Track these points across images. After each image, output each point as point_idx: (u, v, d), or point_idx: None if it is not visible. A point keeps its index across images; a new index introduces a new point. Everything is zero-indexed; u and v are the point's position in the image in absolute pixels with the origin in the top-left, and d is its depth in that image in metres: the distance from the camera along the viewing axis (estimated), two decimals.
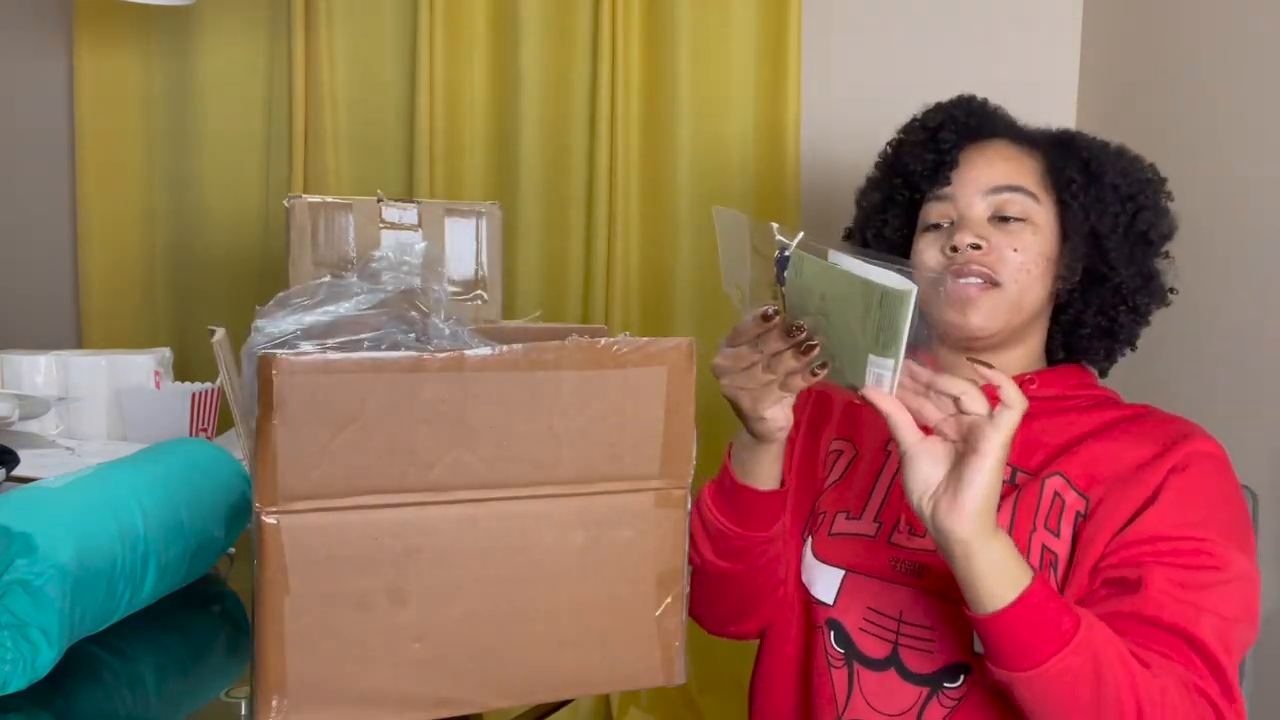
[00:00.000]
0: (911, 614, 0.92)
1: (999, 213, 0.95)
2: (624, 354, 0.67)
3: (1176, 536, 0.84)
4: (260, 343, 0.67)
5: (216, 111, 2.08)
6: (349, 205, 1.05)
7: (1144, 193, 0.99)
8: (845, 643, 0.95)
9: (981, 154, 0.98)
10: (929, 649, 0.91)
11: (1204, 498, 0.87)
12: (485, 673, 0.68)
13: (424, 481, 0.65)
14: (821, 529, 0.99)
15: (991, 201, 0.96)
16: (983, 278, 0.93)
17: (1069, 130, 1.04)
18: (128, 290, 2.15)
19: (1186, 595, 0.81)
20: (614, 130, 1.88)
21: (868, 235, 1.06)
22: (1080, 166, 0.98)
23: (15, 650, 0.71)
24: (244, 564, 1.05)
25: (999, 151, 0.98)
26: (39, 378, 1.49)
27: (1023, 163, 0.98)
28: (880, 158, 1.08)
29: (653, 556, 0.71)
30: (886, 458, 1.00)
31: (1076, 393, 0.99)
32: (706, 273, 1.90)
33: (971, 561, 0.75)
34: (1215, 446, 0.91)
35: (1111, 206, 0.97)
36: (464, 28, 1.96)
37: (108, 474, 0.88)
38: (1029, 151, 0.99)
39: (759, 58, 1.87)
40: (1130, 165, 1.00)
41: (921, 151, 1.00)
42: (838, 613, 0.96)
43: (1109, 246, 0.97)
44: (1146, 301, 1.00)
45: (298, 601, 0.63)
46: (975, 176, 0.97)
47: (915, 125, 1.03)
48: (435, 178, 1.95)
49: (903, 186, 1.02)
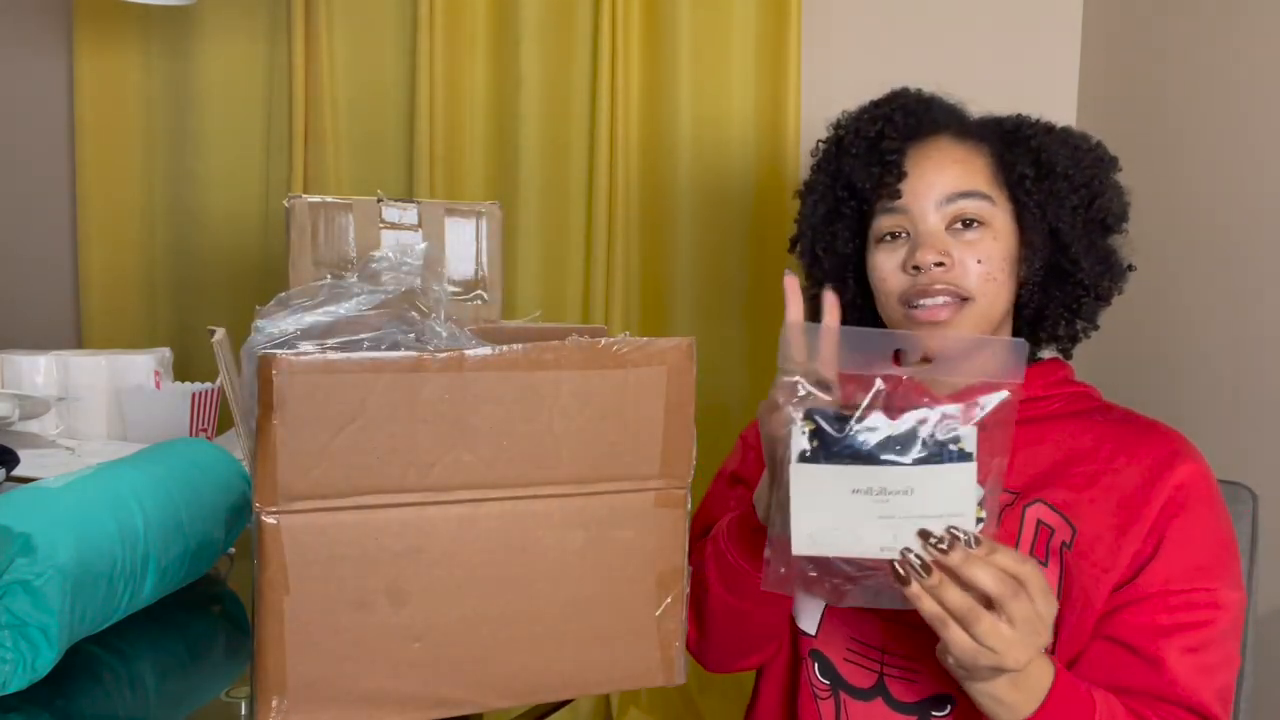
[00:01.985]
0: (894, 645, 0.91)
1: (955, 218, 0.92)
2: (624, 354, 0.67)
3: (1187, 589, 0.85)
4: (260, 343, 0.67)
5: (216, 111, 2.08)
6: (349, 205, 1.05)
7: (1097, 178, 0.96)
8: (830, 673, 0.94)
9: (928, 158, 0.94)
10: (914, 679, 0.90)
11: (1205, 539, 0.87)
12: (485, 673, 0.68)
13: (424, 481, 0.65)
14: None
15: (946, 211, 0.92)
16: (950, 295, 0.91)
17: (1014, 117, 1.00)
18: (128, 290, 2.15)
19: (1199, 661, 0.84)
20: (614, 130, 1.88)
21: (818, 249, 1.03)
22: (1031, 160, 0.95)
23: (15, 650, 0.71)
24: (244, 564, 1.05)
25: (946, 153, 0.94)
26: (39, 378, 1.49)
27: (972, 163, 0.94)
28: (817, 164, 1.04)
29: (653, 556, 0.71)
30: None
31: (1054, 391, 0.97)
32: (707, 273, 1.90)
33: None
34: (1202, 466, 0.90)
35: (1068, 199, 0.95)
36: (464, 28, 1.96)
37: (108, 474, 0.88)
38: (976, 147, 0.95)
39: (759, 58, 1.87)
40: (1080, 149, 0.97)
41: (865, 164, 0.96)
42: (820, 643, 0.95)
43: (1068, 241, 0.95)
44: (1108, 285, 0.98)
45: (298, 601, 0.63)
46: (927, 185, 0.93)
47: (852, 134, 0.98)
48: (435, 178, 1.95)
49: (849, 199, 0.99)
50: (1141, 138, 1.55)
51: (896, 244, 0.94)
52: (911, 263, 0.92)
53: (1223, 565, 0.87)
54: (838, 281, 1.01)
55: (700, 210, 1.89)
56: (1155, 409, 0.98)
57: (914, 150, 0.95)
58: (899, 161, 0.94)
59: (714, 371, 1.87)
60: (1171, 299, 1.42)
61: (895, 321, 0.95)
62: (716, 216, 1.89)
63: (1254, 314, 1.34)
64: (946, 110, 1.01)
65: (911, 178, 0.94)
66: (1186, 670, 0.83)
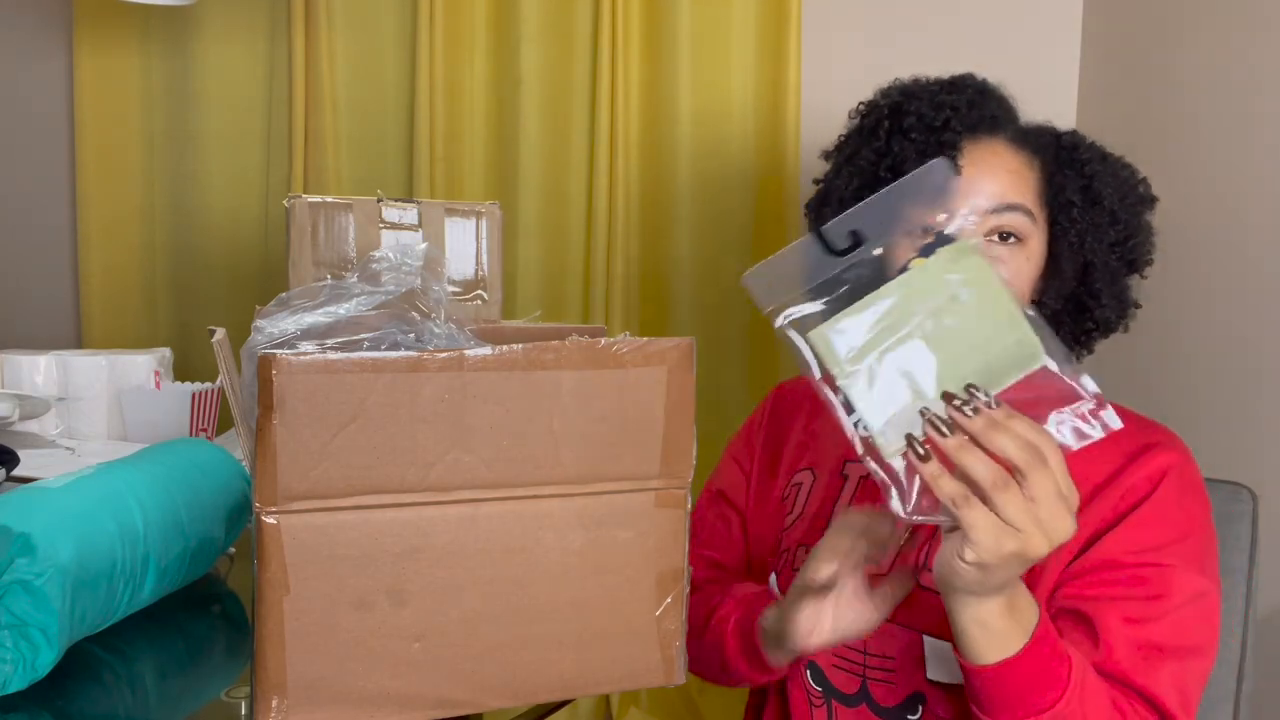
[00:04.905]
0: (874, 645, 0.90)
1: (996, 229, 0.90)
2: (624, 354, 0.67)
3: (1136, 564, 0.82)
4: (260, 343, 0.67)
5: (216, 111, 2.08)
6: (349, 205, 1.05)
7: (1135, 216, 0.94)
8: (822, 680, 0.94)
9: (984, 160, 0.91)
10: (892, 680, 0.90)
11: (1168, 522, 0.84)
12: (485, 673, 0.68)
13: (424, 481, 0.65)
14: (786, 567, 0.98)
15: (989, 220, 0.90)
16: None
17: (1071, 134, 0.97)
18: (128, 290, 2.15)
19: (1140, 636, 0.79)
20: (614, 130, 1.88)
21: None
22: (1081, 187, 0.92)
23: (15, 650, 0.71)
24: (244, 564, 1.05)
25: (1002, 160, 0.91)
26: (39, 378, 1.49)
27: (1023, 176, 0.91)
28: (860, 131, 0.99)
29: (653, 556, 0.71)
30: (843, 482, 0.97)
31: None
32: (706, 272, 1.90)
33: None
34: (1182, 458, 0.87)
35: (1107, 234, 0.93)
36: (464, 28, 1.96)
37: (108, 474, 0.88)
38: (1030, 160, 0.92)
39: (759, 58, 1.87)
40: (1127, 185, 0.95)
41: (920, 151, 0.92)
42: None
43: (1096, 276, 0.93)
44: (1116, 321, 0.97)
45: (298, 601, 0.63)
46: (977, 191, 0.89)
47: (913, 116, 0.94)
48: (435, 178, 1.95)
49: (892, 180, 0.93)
50: (1141, 138, 1.55)
51: None
52: None
53: (1186, 549, 0.83)
54: None
55: (700, 210, 1.89)
56: (1155, 409, 0.97)
57: (970, 148, 0.91)
58: (956, 158, 0.90)
59: (714, 371, 1.87)
60: (1171, 299, 1.42)
61: None
62: (717, 216, 1.89)
63: (1254, 314, 1.34)
64: (1007, 108, 0.98)
65: (965, 176, 0.90)
66: (1125, 643, 0.79)
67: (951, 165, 0.72)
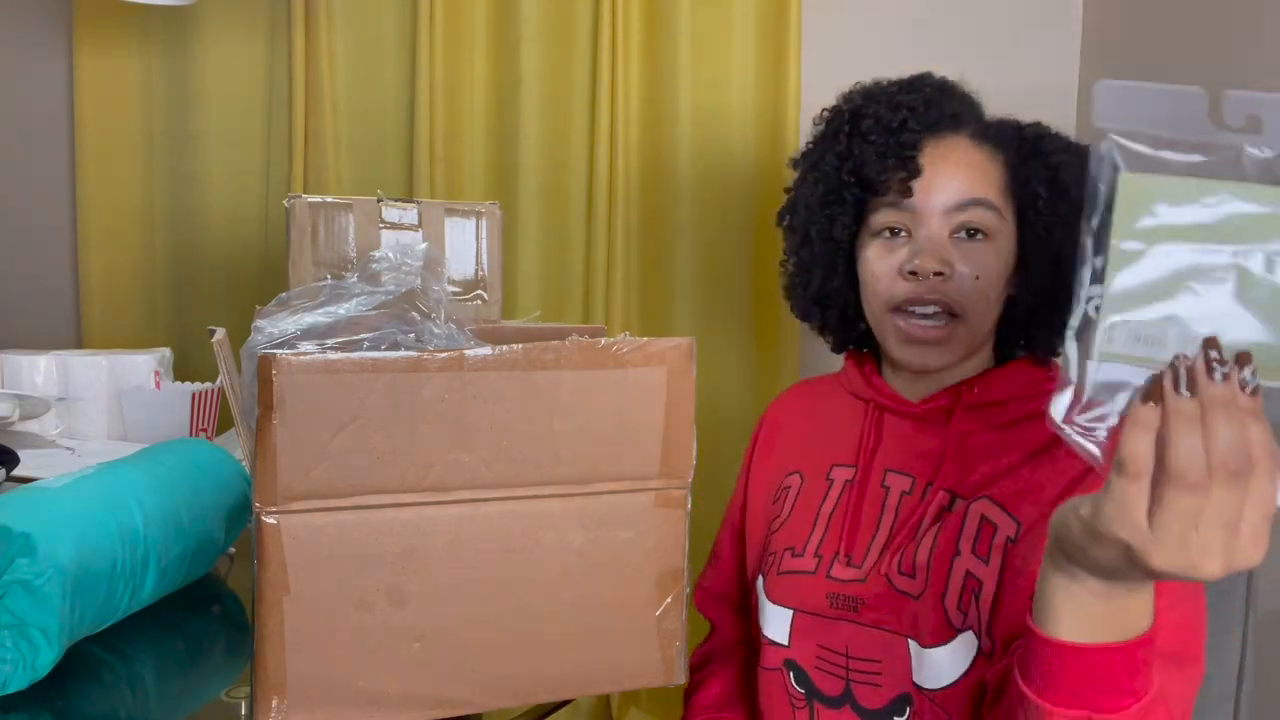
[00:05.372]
0: (856, 649, 0.90)
1: (961, 227, 0.89)
2: (624, 354, 0.68)
3: None
4: (260, 343, 0.67)
5: (216, 111, 2.08)
6: (349, 205, 1.05)
7: None
8: (805, 682, 0.93)
9: (945, 159, 0.90)
10: (877, 683, 0.89)
11: None
12: (485, 673, 0.68)
13: (424, 481, 0.65)
14: (771, 569, 0.97)
15: (954, 218, 0.89)
16: (942, 307, 0.89)
17: (1035, 126, 0.95)
18: (128, 290, 2.15)
19: None
20: (614, 130, 1.88)
21: (811, 230, 0.98)
22: (1047, 178, 0.91)
23: (15, 650, 0.71)
24: (244, 564, 1.05)
25: (963, 156, 0.90)
26: (39, 378, 1.49)
27: (987, 171, 0.90)
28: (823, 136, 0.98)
29: (653, 556, 0.71)
30: (829, 486, 0.97)
31: (1026, 391, 0.92)
32: (706, 272, 1.90)
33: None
34: None
35: (1075, 225, 0.92)
36: (464, 28, 1.96)
37: (107, 474, 0.88)
38: (993, 155, 0.91)
39: (759, 58, 1.87)
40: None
41: (879, 154, 0.91)
42: (793, 653, 0.94)
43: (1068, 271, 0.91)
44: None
45: (298, 601, 0.63)
46: (940, 189, 0.89)
47: (870, 118, 0.93)
48: (435, 178, 1.95)
49: (854, 184, 0.94)
50: None
51: (895, 242, 0.92)
52: (909, 267, 0.89)
53: None
54: (827, 267, 0.98)
55: (700, 210, 1.89)
56: None
57: (931, 146, 0.91)
58: (915, 157, 0.90)
59: (714, 371, 1.87)
60: None
61: (879, 322, 0.94)
62: (717, 216, 1.89)
63: None
64: (969, 105, 0.97)
65: (925, 175, 0.90)
66: None
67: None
